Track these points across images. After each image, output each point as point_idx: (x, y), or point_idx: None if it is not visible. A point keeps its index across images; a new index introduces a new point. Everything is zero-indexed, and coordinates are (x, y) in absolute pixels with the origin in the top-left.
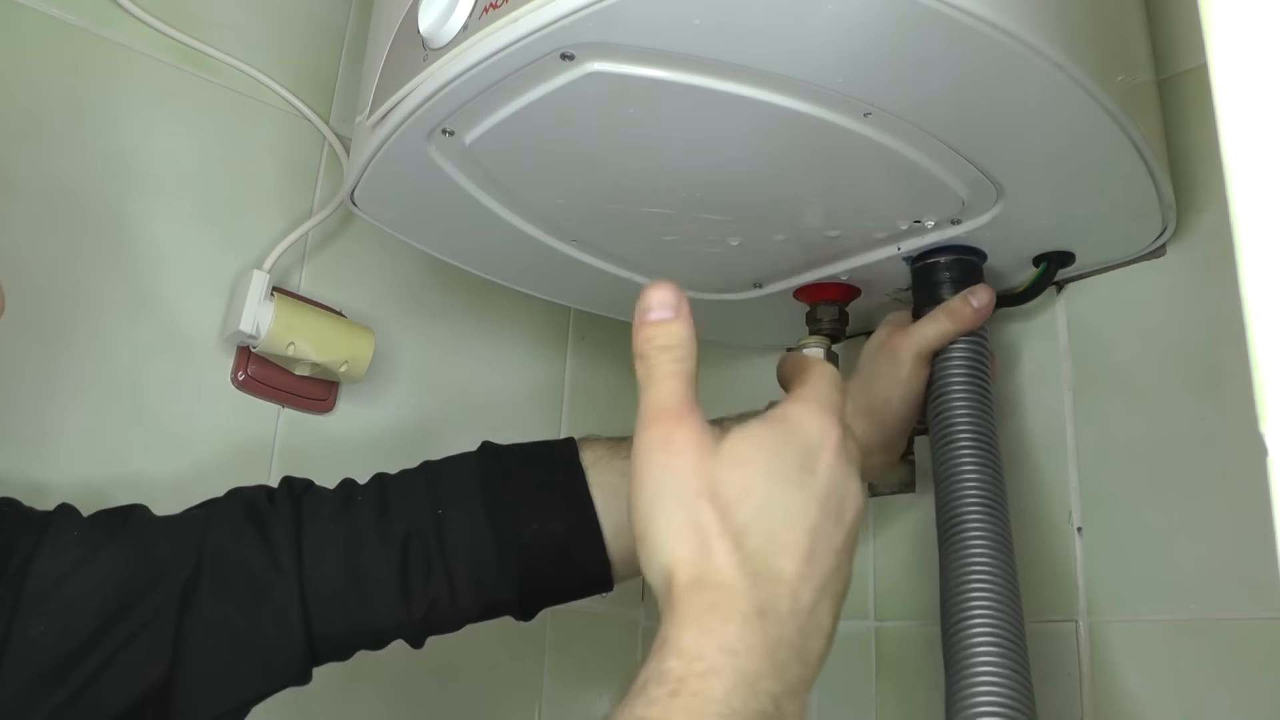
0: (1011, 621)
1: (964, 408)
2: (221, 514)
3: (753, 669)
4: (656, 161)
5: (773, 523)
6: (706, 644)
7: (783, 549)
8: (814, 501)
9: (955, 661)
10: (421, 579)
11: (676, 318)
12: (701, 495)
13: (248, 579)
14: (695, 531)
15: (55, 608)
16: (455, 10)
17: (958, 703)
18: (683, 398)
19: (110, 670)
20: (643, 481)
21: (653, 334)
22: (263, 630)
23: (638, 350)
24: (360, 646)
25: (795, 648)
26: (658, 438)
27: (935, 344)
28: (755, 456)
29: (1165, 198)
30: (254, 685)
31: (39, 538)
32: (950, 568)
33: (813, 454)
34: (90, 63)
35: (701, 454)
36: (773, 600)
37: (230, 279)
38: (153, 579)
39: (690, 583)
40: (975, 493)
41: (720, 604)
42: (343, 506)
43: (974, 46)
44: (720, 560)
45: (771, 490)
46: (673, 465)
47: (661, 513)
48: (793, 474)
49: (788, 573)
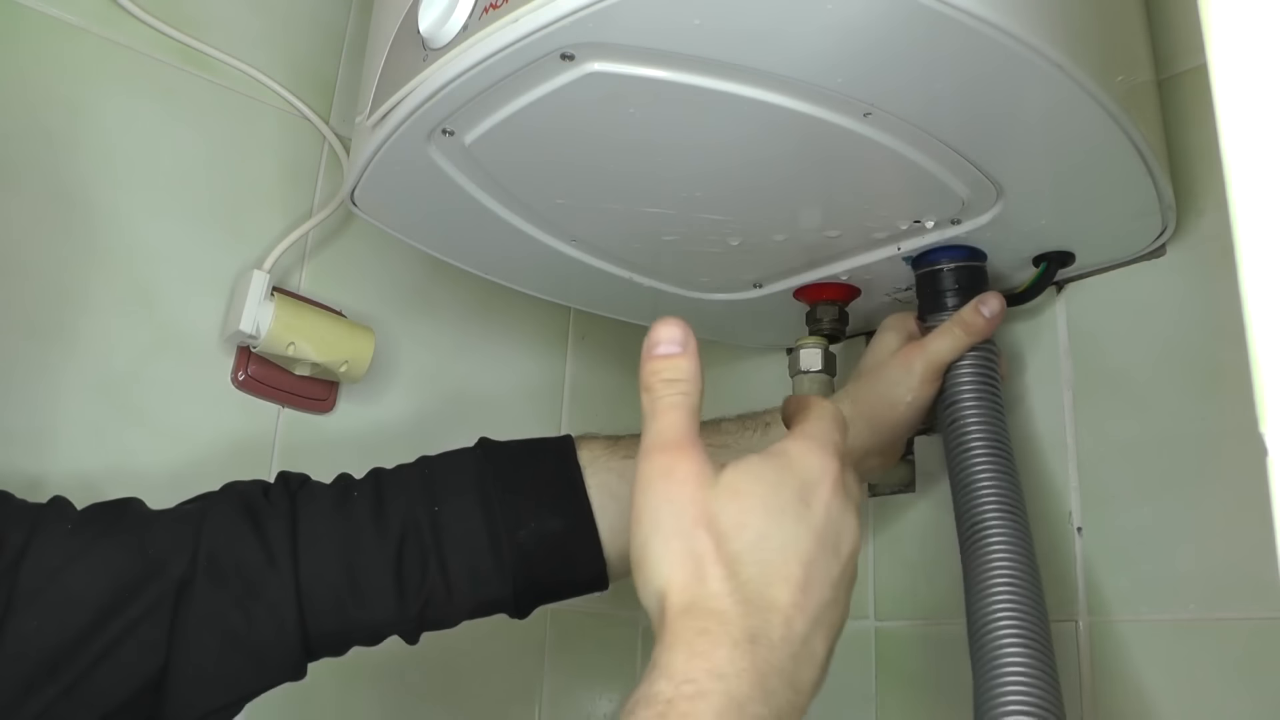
0: (1038, 622)
1: (977, 414)
2: (217, 509)
3: (742, 693)
4: (656, 161)
5: (768, 553)
6: (696, 667)
7: (777, 579)
8: (810, 534)
9: (983, 662)
10: (417, 575)
11: (684, 353)
12: (698, 524)
13: (242, 574)
14: (690, 558)
15: (49, 602)
16: (455, 10)
17: (987, 702)
18: (686, 430)
19: (104, 665)
20: (642, 509)
21: (659, 367)
22: (257, 626)
23: (644, 383)
24: (355, 642)
25: (787, 674)
26: (659, 468)
27: (950, 358)
28: (753, 490)
29: (1165, 198)
30: (248, 681)
31: (32, 532)
32: (974, 571)
33: (810, 489)
34: (90, 63)
35: (701, 485)
36: (765, 628)
37: (230, 279)
38: (147, 574)
39: (683, 608)
40: (995, 497)
41: (711, 629)
42: (339, 502)
43: (974, 47)
44: (714, 586)
45: (768, 522)
46: (672, 495)
47: (659, 540)
48: (790, 507)
49: (781, 601)
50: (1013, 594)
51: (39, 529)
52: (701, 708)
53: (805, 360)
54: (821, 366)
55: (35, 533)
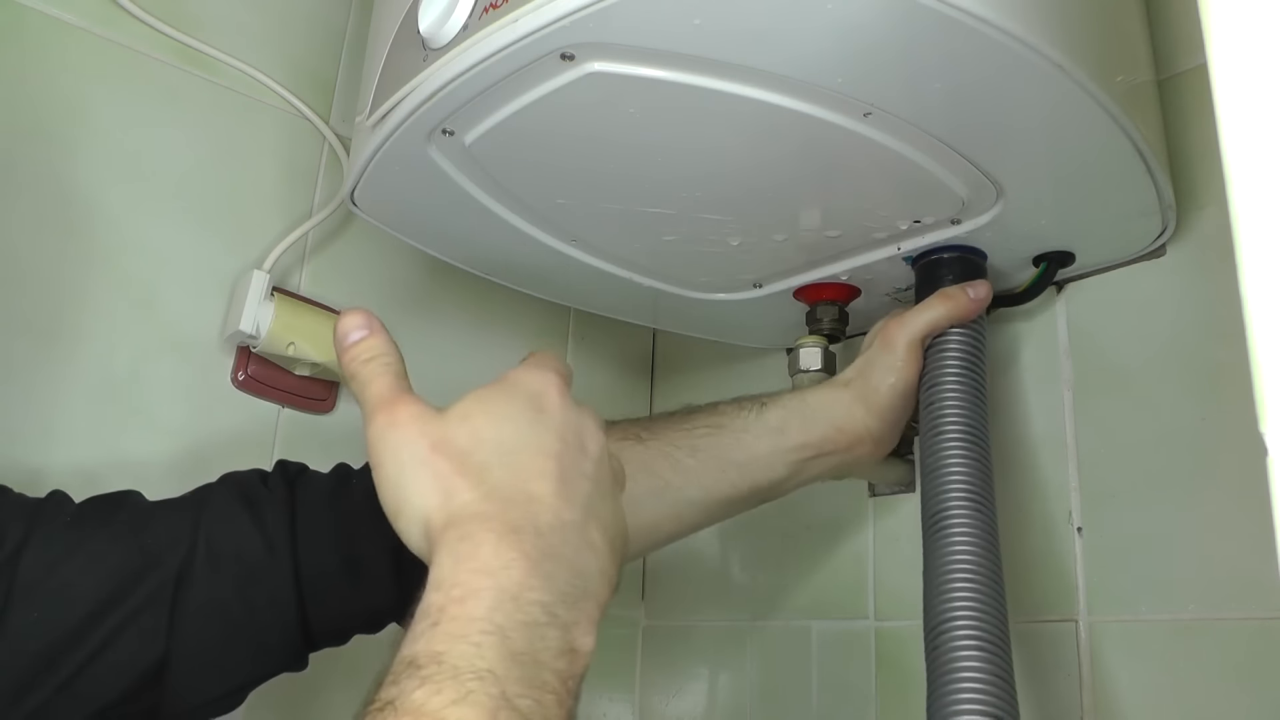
0: (995, 624)
1: (955, 400)
2: (215, 498)
3: (514, 582)
4: (656, 161)
5: (514, 456)
6: (462, 569)
7: (532, 475)
8: (550, 433)
9: (937, 666)
10: (414, 557)
11: (371, 333)
12: (436, 451)
13: (241, 560)
14: (437, 481)
15: (48, 594)
16: (455, 10)
17: (940, 709)
18: (395, 388)
19: (105, 656)
20: (382, 463)
21: (355, 353)
22: (257, 611)
23: (348, 372)
24: (355, 629)
25: (565, 560)
26: (383, 423)
27: (928, 330)
28: (481, 409)
29: (1165, 198)
30: (248, 668)
31: (30, 525)
32: (934, 566)
33: (538, 397)
34: (90, 63)
35: (426, 420)
36: (529, 517)
37: (230, 279)
38: (146, 564)
39: (443, 525)
40: (961, 488)
41: (473, 532)
42: (337, 489)
43: (974, 47)
44: (464, 496)
45: (503, 431)
46: (404, 438)
47: (406, 479)
48: (522, 414)
49: (541, 492)
50: (972, 593)
51: (38, 522)
52: (472, 606)
53: (805, 360)
54: (821, 366)
55: (34, 526)
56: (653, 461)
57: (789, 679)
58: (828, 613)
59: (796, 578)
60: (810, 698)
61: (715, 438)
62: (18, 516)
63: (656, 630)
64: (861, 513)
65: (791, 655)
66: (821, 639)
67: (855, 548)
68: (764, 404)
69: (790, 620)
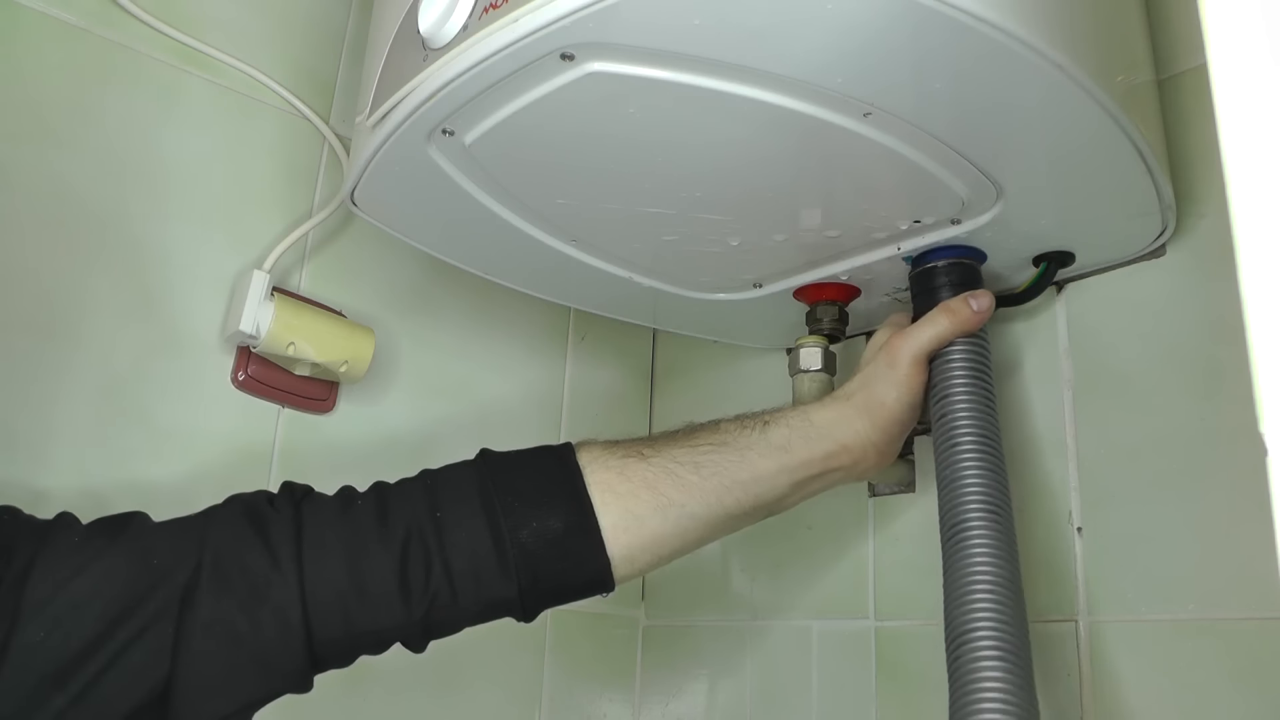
0: (1015, 632)
1: (966, 410)
2: (221, 517)
3: None
4: (656, 161)
5: None
6: None
7: None
8: None
9: (959, 674)
10: (421, 577)
11: None
12: None
13: (247, 579)
14: None
15: (55, 613)
16: (455, 10)
17: (963, 714)
18: None
19: (110, 674)
20: None
21: None
22: (263, 630)
23: None
24: (362, 649)
25: None
26: None
27: (932, 345)
28: None
29: (1165, 198)
30: (254, 687)
31: (39, 545)
32: (954, 577)
33: None
34: (90, 63)
35: None
36: None
37: (230, 279)
38: (152, 582)
39: None
40: (979, 496)
41: None
42: (342, 509)
43: (974, 46)
44: None
45: None
46: None
47: None
48: None
49: None
50: (993, 603)
51: (46, 542)
52: None
53: (805, 360)
54: (821, 366)
55: (43, 546)
56: (657, 479)
57: (789, 679)
58: (828, 612)
59: (796, 578)
60: (810, 698)
61: (719, 455)
62: (26, 536)
63: (656, 630)
64: (861, 513)
65: (791, 655)
66: (821, 639)
67: (855, 547)
68: (767, 422)
69: (790, 620)
